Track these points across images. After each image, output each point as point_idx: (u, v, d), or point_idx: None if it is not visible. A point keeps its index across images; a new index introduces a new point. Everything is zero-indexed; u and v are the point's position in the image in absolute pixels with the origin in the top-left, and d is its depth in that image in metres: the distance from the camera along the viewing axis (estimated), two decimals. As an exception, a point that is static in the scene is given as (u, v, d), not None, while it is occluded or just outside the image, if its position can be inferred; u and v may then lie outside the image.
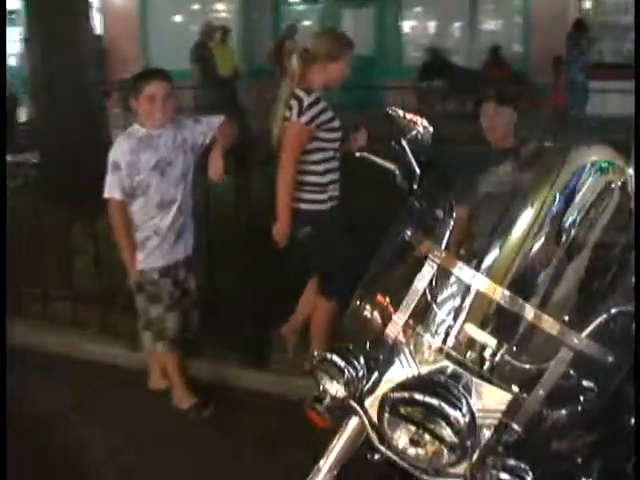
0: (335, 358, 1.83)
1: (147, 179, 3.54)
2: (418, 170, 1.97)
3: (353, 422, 1.92)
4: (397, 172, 2.05)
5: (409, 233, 1.87)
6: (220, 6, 16.36)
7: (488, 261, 1.88)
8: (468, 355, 1.89)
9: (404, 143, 1.97)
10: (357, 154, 2.15)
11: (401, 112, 2.03)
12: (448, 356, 1.87)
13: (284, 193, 3.63)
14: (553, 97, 10.92)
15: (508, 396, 1.85)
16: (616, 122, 7.50)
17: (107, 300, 4.55)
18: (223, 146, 3.63)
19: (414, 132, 1.98)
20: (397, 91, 11.84)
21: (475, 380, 1.85)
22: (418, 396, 1.74)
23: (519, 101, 4.29)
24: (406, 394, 1.76)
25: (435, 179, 1.97)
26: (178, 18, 16.20)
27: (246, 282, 4.23)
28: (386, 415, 1.76)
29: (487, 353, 1.88)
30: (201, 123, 3.69)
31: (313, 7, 15.28)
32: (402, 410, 1.74)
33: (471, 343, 1.89)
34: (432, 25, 14.94)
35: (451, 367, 1.86)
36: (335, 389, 1.85)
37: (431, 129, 1.98)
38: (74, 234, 4.84)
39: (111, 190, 3.54)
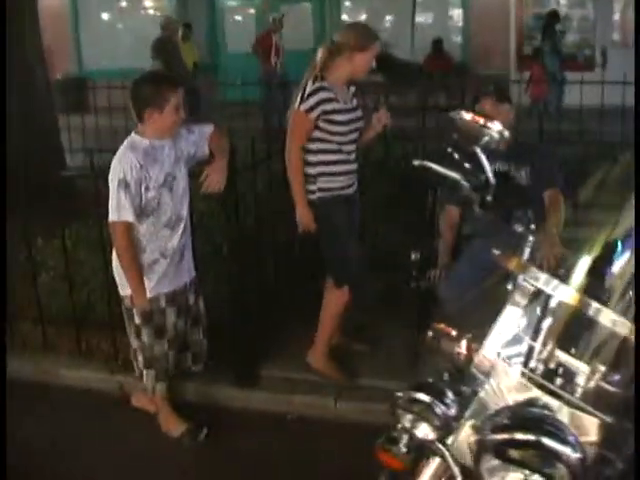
0: (427, 399, 1.63)
1: (157, 196, 3.22)
2: (493, 180, 1.77)
3: (435, 463, 1.74)
4: (463, 183, 1.85)
5: (496, 252, 1.69)
6: (149, 3, 15.91)
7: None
8: (557, 382, 1.72)
9: (478, 151, 1.77)
10: (415, 163, 1.94)
11: (469, 115, 1.82)
12: (536, 384, 1.70)
13: (294, 179, 3.66)
14: (533, 89, 10.83)
15: (601, 424, 1.69)
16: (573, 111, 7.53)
17: (78, 320, 4.21)
18: (225, 156, 3.37)
19: (486, 137, 1.79)
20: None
21: (567, 409, 1.68)
22: (524, 436, 1.57)
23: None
24: (508, 435, 1.58)
25: (509, 190, 1.78)
26: (106, 16, 15.68)
27: (234, 297, 3.97)
28: (488, 458, 1.58)
29: (578, 379, 1.72)
30: (193, 133, 3.39)
31: (249, 2, 14.95)
32: (506, 452, 1.56)
33: (559, 369, 1.73)
34: (372, 18, 14.81)
35: (543, 397, 1.69)
36: (424, 432, 1.65)
37: (506, 133, 1.79)
38: (37, 250, 4.51)
39: (122, 212, 3.13)
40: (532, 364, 1.72)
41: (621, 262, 1.76)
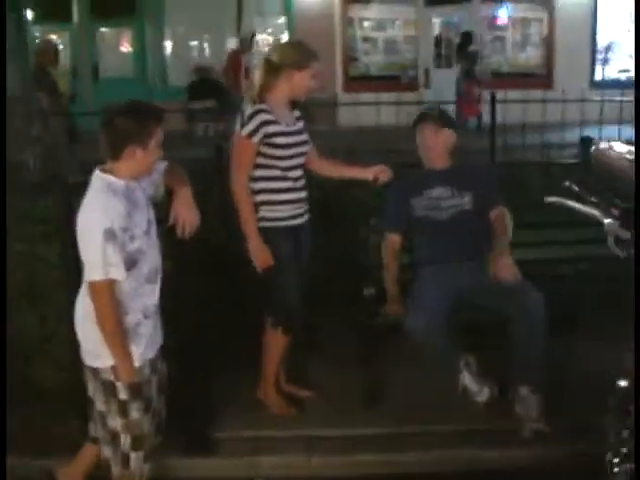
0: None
1: (142, 246, 2.69)
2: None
3: None
4: (605, 219, 1.68)
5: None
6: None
7: None
8: None
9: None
10: (550, 199, 1.76)
11: (625, 147, 1.66)
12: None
13: (243, 210, 3.45)
14: (467, 108, 11.07)
15: None
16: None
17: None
18: (186, 185, 2.93)
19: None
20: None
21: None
22: None
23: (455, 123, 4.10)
24: None
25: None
26: None
27: (175, 353, 3.52)
28: None
29: None
30: (151, 172, 2.85)
31: (64, 26, 13.88)
32: None
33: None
34: (197, 44, 14.46)
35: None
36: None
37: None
38: None
39: (110, 269, 2.57)
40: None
41: None
